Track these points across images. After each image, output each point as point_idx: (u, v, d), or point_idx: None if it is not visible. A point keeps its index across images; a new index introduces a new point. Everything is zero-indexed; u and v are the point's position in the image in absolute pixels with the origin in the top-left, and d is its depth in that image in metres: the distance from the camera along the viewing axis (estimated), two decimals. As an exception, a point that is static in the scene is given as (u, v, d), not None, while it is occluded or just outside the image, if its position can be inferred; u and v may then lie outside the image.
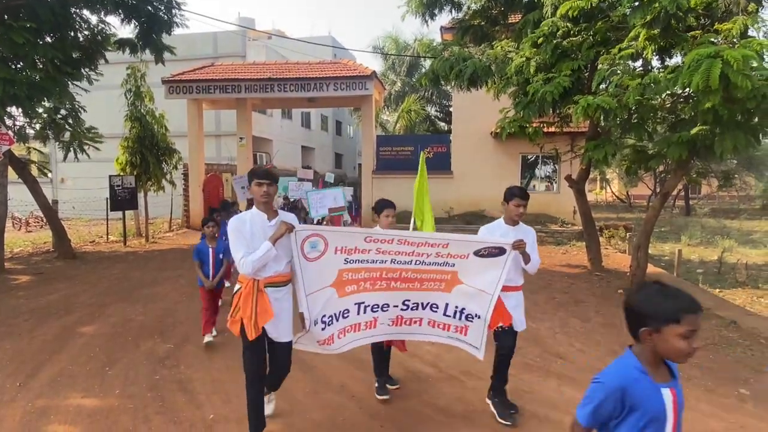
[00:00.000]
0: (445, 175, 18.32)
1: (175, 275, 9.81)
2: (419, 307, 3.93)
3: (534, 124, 8.75)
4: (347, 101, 22.00)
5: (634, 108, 7.00)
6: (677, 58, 7.41)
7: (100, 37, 11.79)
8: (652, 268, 9.78)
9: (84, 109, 12.60)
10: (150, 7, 11.55)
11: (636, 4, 6.76)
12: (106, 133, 13.67)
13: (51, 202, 13.00)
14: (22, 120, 11.94)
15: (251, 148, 19.55)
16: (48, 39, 10.78)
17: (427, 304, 3.91)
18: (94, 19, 11.78)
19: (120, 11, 11.40)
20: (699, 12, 6.56)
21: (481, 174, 17.85)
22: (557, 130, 10.32)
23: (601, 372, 1.92)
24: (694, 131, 6.72)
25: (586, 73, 8.29)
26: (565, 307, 7.46)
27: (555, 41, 7.73)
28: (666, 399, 1.86)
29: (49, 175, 20.57)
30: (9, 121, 11.38)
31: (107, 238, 15.25)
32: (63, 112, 12.41)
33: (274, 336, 3.51)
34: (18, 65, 10.08)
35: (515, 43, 8.85)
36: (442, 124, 30.14)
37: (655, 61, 7.76)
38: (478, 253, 3.74)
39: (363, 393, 4.50)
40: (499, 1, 10.56)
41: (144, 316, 7.00)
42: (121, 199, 13.99)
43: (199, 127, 18.37)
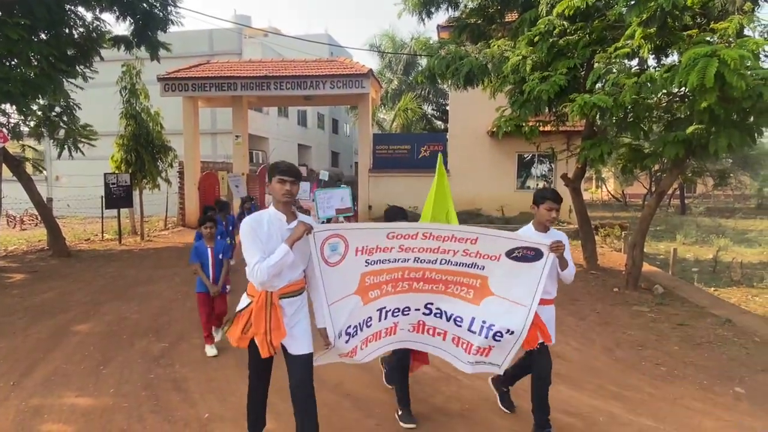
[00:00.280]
0: (441, 174, 18.32)
1: (170, 273, 9.78)
2: (443, 316, 3.56)
3: (530, 123, 8.78)
4: (344, 99, 21.98)
5: (630, 107, 7.01)
6: (673, 57, 7.43)
7: (95, 35, 11.76)
8: (647, 267, 9.81)
9: (79, 107, 12.55)
10: (145, 4, 11.54)
11: (632, 2, 6.77)
12: (101, 130, 13.61)
13: (46, 199, 12.93)
14: (16, 117, 11.88)
15: (247, 146, 19.51)
16: (43, 36, 10.74)
17: (452, 316, 3.53)
18: (90, 16, 11.77)
19: (115, 8, 11.39)
20: (695, 11, 6.59)
21: (478, 173, 17.89)
22: (553, 128, 10.33)
23: None
24: (690, 130, 6.74)
25: (582, 72, 8.29)
26: (560, 306, 7.35)
27: (551, 40, 7.74)
28: None
29: (44, 172, 20.57)
30: (3, 119, 11.34)
31: (102, 236, 15.19)
32: (58, 109, 12.34)
33: (293, 350, 3.15)
34: (12, 62, 10.03)
35: (512, 41, 8.85)
36: (439, 123, 30.14)
37: (651, 60, 7.78)
38: (511, 254, 3.33)
39: (359, 391, 4.49)
40: (495, 0, 10.55)
41: (139, 315, 6.98)
42: (116, 197, 13.94)
43: (195, 125, 18.30)
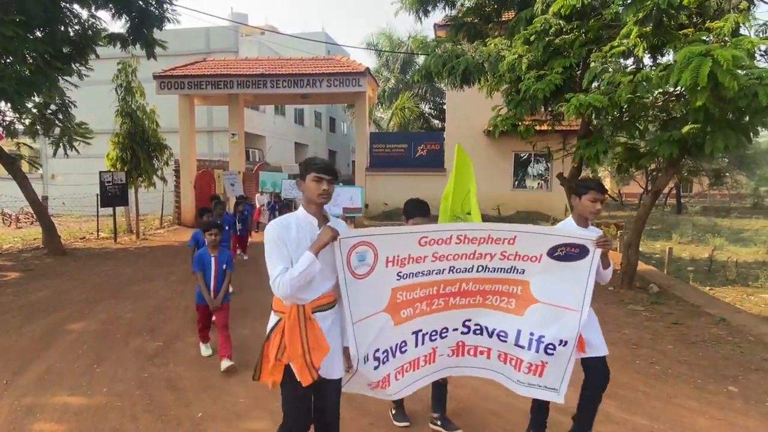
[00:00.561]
0: (438, 173, 18.35)
1: (165, 272, 9.75)
2: (484, 332, 3.16)
3: (526, 122, 8.77)
4: (340, 98, 21.95)
5: (625, 106, 7.02)
6: (669, 57, 7.43)
7: (90, 32, 11.73)
8: (642, 266, 9.82)
9: (74, 105, 12.51)
10: (141, 2, 11.51)
11: (628, 1, 6.77)
12: (96, 128, 13.58)
13: (41, 198, 12.90)
14: (11, 115, 11.83)
15: (243, 144, 19.49)
16: (38, 33, 10.71)
17: (494, 331, 3.13)
18: (85, 13, 11.73)
19: (111, 6, 11.35)
20: (691, 10, 6.58)
21: (475, 171, 17.83)
22: (549, 128, 10.32)
23: None
24: (686, 130, 6.75)
25: (578, 71, 8.30)
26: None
27: (547, 39, 7.73)
28: None
29: (39, 170, 20.50)
30: (-2, 116, 11.30)
31: (97, 235, 15.14)
32: (53, 107, 12.31)
33: (324, 372, 2.68)
34: (7, 59, 9.98)
35: (508, 40, 8.84)
36: (436, 122, 30.15)
37: (647, 59, 7.77)
38: (553, 253, 2.98)
39: (353, 390, 4.48)
40: (492, -1, 10.55)
41: (133, 314, 6.96)
42: (112, 196, 13.89)
43: (191, 123, 18.25)
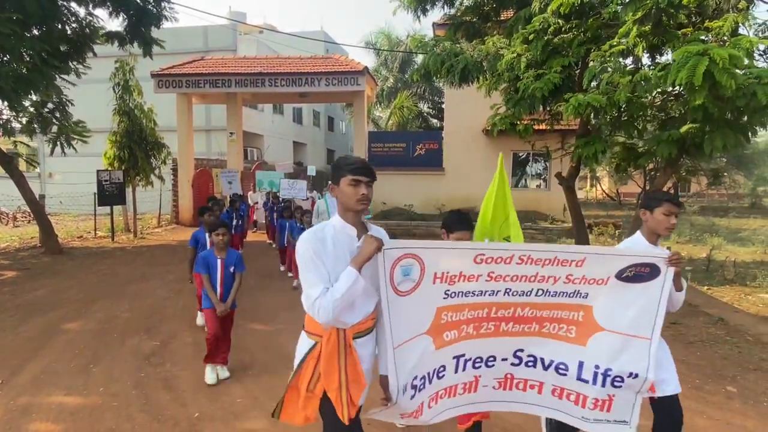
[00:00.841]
0: (436, 172, 18.34)
1: (163, 271, 9.73)
2: (538, 364, 2.72)
3: (525, 122, 8.75)
4: (339, 97, 21.91)
5: (624, 106, 7.01)
6: (668, 56, 7.42)
7: (88, 30, 11.69)
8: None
9: (72, 103, 12.46)
10: (139, 0, 11.45)
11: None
12: (94, 127, 13.52)
13: (38, 196, 12.86)
14: (8, 113, 11.79)
15: (242, 143, 19.47)
16: (35, 31, 10.67)
17: (551, 364, 2.69)
18: (82, 11, 11.70)
19: (108, 4, 11.33)
20: (690, 9, 6.57)
21: (473, 171, 17.82)
22: (548, 127, 10.32)
23: None
24: (684, 129, 6.73)
25: (576, 70, 8.28)
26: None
27: (546, 38, 7.70)
28: None
29: (37, 169, 20.43)
30: (-6, 115, 11.27)
31: (95, 234, 15.11)
32: (50, 105, 12.25)
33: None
34: (4, 58, 9.95)
35: (507, 39, 8.83)
36: (435, 121, 30.13)
37: (646, 59, 7.77)
38: (621, 275, 2.58)
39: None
40: (491, -3, 10.53)
41: (130, 313, 6.94)
42: (109, 194, 13.86)
43: (189, 122, 18.21)
